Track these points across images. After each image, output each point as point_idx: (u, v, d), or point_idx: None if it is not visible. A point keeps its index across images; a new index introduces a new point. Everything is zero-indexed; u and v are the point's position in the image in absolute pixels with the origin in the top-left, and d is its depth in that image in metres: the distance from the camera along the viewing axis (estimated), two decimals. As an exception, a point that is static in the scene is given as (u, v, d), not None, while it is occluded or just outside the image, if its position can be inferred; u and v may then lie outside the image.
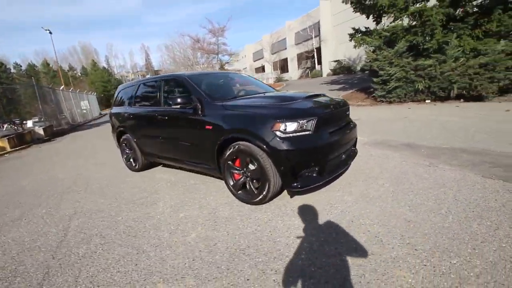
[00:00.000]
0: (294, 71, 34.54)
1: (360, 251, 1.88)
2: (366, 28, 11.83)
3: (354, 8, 11.55)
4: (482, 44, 8.40)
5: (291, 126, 2.47)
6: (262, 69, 42.37)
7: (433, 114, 6.87)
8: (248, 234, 2.29)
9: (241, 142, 2.71)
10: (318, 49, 29.20)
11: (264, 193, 2.63)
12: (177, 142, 3.53)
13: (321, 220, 2.36)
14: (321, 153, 2.54)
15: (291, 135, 2.46)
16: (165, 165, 4.77)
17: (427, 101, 9.33)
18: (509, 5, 8.49)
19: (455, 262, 1.67)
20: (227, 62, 24.05)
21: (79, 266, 2.13)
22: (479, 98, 8.18)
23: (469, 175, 2.91)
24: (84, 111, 23.57)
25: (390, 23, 11.00)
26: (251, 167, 2.71)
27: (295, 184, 2.51)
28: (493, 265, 1.60)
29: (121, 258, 2.17)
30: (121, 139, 4.74)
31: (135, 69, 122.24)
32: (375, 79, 10.29)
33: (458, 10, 8.80)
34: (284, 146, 2.42)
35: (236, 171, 2.88)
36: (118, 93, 5.05)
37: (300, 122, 2.48)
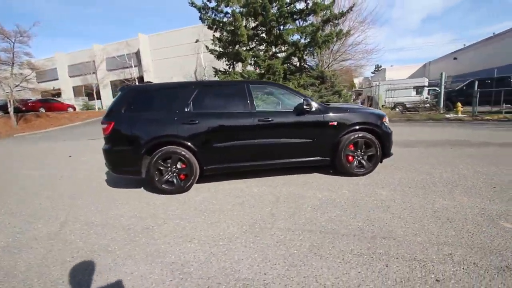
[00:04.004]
0: (108, 99, 30.32)
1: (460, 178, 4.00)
2: (224, 69, 14.85)
3: (211, 52, 14.29)
4: (300, 90, 13.94)
5: (385, 119, 4.16)
6: (56, 94, 32.26)
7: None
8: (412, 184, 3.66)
9: (359, 132, 3.94)
10: (141, 79, 28.53)
11: (374, 164, 4.03)
12: (286, 142, 3.82)
13: (434, 176, 4.22)
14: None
15: (386, 125, 4.15)
16: (200, 181, 4.15)
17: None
18: (306, 70, 14.93)
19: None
20: (27, 79, 16.39)
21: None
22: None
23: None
24: None
25: (243, 68, 14.69)
26: (364, 148, 4.01)
27: (389, 155, 4.19)
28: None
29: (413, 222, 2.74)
30: (156, 156, 3.54)
31: None
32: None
33: (289, 67, 13.92)
34: (389, 131, 4.07)
35: (351, 154, 3.98)
36: (131, 98, 3.69)
37: (386, 117, 4.23)
